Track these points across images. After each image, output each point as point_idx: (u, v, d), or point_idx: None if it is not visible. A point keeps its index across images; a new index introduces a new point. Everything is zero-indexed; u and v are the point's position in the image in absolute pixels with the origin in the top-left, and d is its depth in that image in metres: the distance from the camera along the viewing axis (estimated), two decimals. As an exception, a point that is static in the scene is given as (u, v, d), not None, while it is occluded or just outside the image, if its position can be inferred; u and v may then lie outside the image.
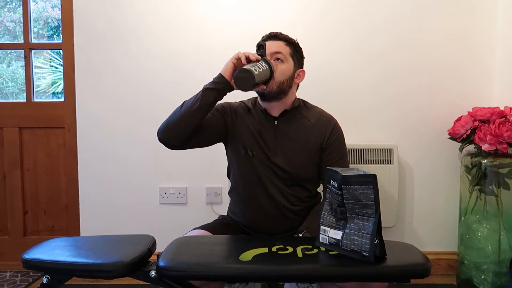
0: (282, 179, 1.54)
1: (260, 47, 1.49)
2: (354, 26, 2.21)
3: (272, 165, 1.53)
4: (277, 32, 1.56)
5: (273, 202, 1.54)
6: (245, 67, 1.39)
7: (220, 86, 1.45)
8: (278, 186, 1.54)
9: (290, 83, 1.54)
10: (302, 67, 1.60)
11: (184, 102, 1.51)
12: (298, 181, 1.56)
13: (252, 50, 1.51)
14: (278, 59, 1.51)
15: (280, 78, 1.50)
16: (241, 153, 1.55)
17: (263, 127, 1.56)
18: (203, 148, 1.60)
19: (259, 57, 1.45)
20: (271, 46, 1.51)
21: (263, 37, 1.56)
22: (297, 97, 1.63)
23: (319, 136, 1.55)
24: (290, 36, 1.56)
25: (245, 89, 1.40)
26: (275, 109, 1.56)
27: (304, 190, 1.58)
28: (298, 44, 1.58)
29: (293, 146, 1.54)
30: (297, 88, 1.62)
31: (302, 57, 1.60)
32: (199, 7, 2.22)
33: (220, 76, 1.45)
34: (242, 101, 1.66)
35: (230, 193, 1.68)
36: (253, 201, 1.57)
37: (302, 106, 1.62)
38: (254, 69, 1.38)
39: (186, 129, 1.47)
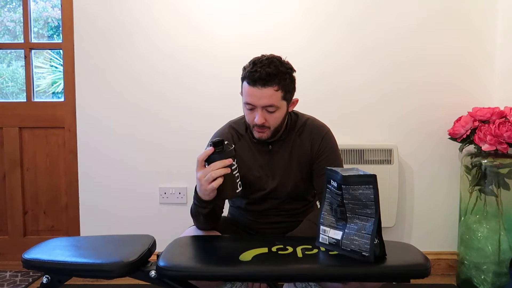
0: (280, 198, 1.55)
1: (219, 144, 1.28)
2: (358, 33, 2.21)
3: (269, 189, 1.53)
4: (265, 75, 1.36)
5: (272, 214, 1.57)
6: (225, 193, 1.31)
7: (210, 206, 1.37)
8: (277, 204, 1.56)
9: (284, 120, 1.48)
10: (294, 93, 1.49)
11: (191, 213, 1.46)
12: (296, 196, 1.57)
13: (252, 53, 1.48)
14: (269, 111, 1.40)
15: (275, 125, 1.44)
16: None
17: (258, 154, 1.53)
18: (203, 148, 1.60)
19: (228, 163, 1.27)
20: (261, 97, 1.37)
21: (250, 76, 1.37)
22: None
23: (309, 149, 1.53)
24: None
25: None
26: (270, 138, 1.51)
27: (302, 201, 1.60)
28: (289, 72, 1.42)
29: (288, 166, 1.53)
30: None
31: (294, 84, 1.46)
32: (199, 9, 2.21)
33: (204, 201, 1.36)
34: (232, 125, 1.59)
35: (229, 200, 1.70)
36: (252, 214, 1.59)
37: (293, 120, 1.56)
38: (239, 184, 1.32)
39: (216, 222, 1.47)
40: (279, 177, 1.53)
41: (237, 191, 1.33)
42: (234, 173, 1.30)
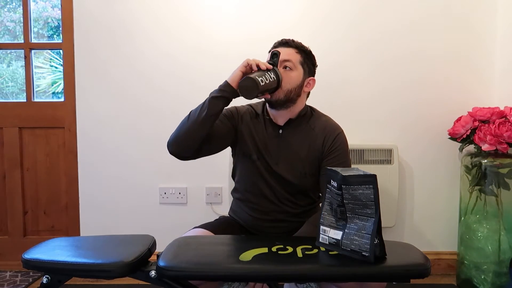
0: (284, 187, 1.55)
1: (274, 55, 1.47)
2: (358, 32, 2.21)
3: (274, 174, 1.54)
4: (289, 39, 1.54)
5: (275, 206, 1.56)
6: (251, 75, 1.36)
7: (226, 94, 1.42)
8: (280, 193, 1.56)
9: (299, 91, 1.52)
10: (313, 75, 1.58)
11: (190, 112, 1.47)
12: (300, 189, 1.57)
13: (252, 53, 1.50)
14: (286, 67, 1.49)
15: (288, 86, 1.48)
16: (245, 159, 1.56)
17: (268, 136, 1.55)
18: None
19: (270, 66, 1.43)
20: (281, 53, 1.49)
21: (275, 43, 1.55)
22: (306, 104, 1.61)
23: (321, 145, 1.54)
24: (302, 43, 1.54)
25: (248, 97, 1.38)
26: (282, 117, 1.55)
27: (306, 198, 1.60)
28: (310, 52, 1.56)
29: (296, 156, 1.54)
30: (307, 97, 1.59)
31: (313, 65, 1.58)
32: (199, 8, 2.22)
33: (227, 84, 1.42)
34: (250, 105, 1.63)
35: (233, 192, 1.69)
36: (256, 203, 1.58)
37: (309, 114, 1.59)
38: (261, 79, 1.36)
39: (196, 140, 1.44)
40: (283, 163, 1.54)
41: (259, 80, 1.35)
42: (266, 75, 1.39)
